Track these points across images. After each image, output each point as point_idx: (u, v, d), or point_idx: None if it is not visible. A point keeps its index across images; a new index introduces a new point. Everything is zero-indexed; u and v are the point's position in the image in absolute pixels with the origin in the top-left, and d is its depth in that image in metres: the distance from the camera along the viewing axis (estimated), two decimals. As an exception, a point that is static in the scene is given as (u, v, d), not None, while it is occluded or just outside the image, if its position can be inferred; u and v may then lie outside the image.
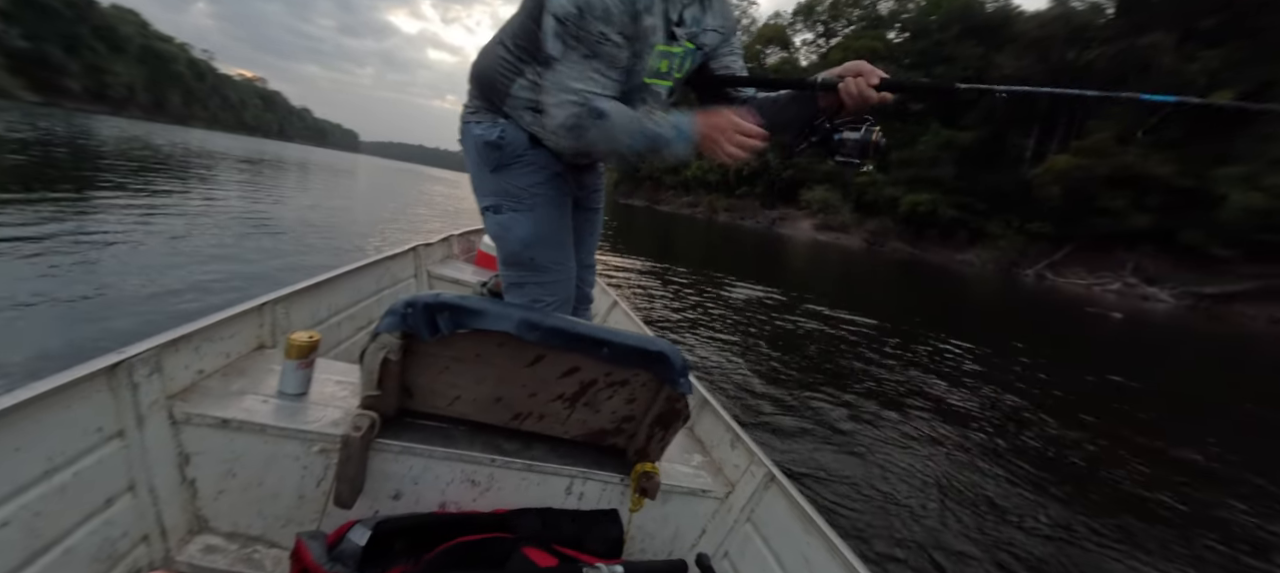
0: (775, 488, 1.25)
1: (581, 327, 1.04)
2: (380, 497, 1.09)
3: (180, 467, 1.04)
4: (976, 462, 3.53)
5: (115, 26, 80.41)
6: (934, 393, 4.93)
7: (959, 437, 3.94)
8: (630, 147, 1.04)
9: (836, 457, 3.23)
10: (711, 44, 1.20)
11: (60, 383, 0.84)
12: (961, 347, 7.46)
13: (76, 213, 6.24)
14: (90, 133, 22.11)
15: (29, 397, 0.79)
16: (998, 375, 6.05)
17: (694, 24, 1.14)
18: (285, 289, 1.51)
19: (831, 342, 6.39)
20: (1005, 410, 4.77)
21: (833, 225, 42.88)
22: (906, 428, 3.94)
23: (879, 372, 5.40)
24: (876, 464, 3.23)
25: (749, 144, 1.00)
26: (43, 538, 0.82)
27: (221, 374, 1.19)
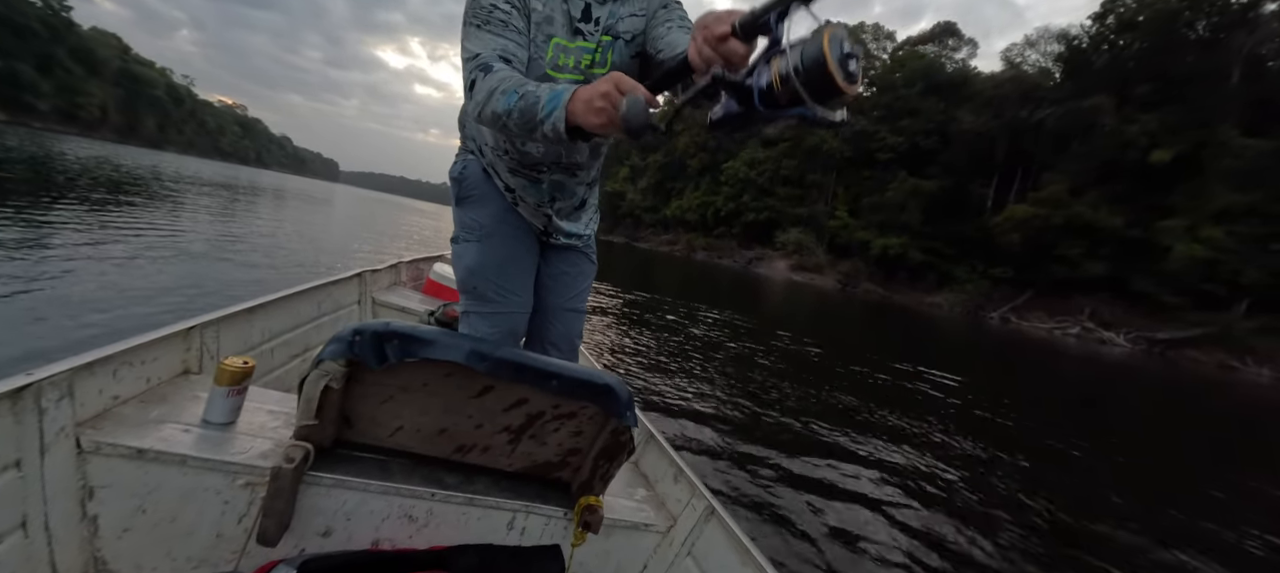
0: (715, 522, 1.25)
1: (531, 359, 1.05)
2: (307, 534, 1.03)
3: (82, 501, 0.95)
4: (927, 494, 3.58)
5: (94, 49, 79.25)
6: (892, 428, 5.00)
7: (912, 470, 3.99)
8: (506, 106, 0.91)
9: (788, 490, 3.23)
10: (634, 29, 1.18)
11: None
12: (926, 383, 7.61)
13: (20, 226, 5.97)
14: (52, 152, 21.42)
15: None
16: (957, 412, 6.18)
17: (610, 18, 1.15)
18: (216, 313, 1.43)
19: (796, 377, 6.45)
20: (961, 448, 4.86)
21: (807, 266, 43.92)
22: (863, 461, 3.98)
23: (841, 407, 5.46)
24: (827, 497, 3.25)
25: (611, 101, 0.77)
26: None
27: (139, 401, 1.11)
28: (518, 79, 0.94)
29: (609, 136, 0.93)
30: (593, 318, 7.97)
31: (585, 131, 0.84)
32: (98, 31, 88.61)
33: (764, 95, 0.62)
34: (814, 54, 0.57)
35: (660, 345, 6.93)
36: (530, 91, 0.89)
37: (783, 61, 0.60)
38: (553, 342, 1.41)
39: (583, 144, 1.03)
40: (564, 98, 0.84)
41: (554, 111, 0.85)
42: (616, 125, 0.76)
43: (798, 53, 0.59)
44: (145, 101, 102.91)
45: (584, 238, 1.44)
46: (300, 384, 0.98)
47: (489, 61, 0.99)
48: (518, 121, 0.91)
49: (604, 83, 0.79)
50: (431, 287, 3.01)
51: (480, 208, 1.28)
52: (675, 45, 1.09)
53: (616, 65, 1.18)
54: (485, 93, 0.95)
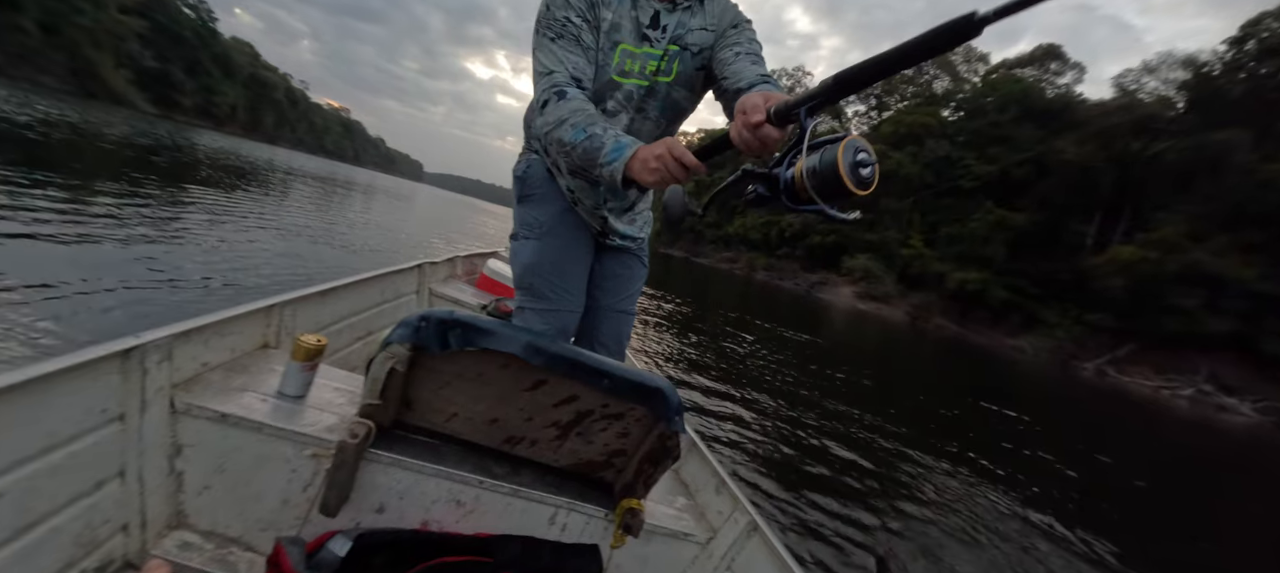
0: (758, 538, 1.21)
1: (585, 356, 1.06)
2: (363, 509, 1.08)
3: (171, 458, 1.03)
4: (997, 551, 3.24)
5: (231, 55, 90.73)
6: (957, 472, 4.61)
7: (980, 522, 3.63)
8: (573, 139, 0.99)
9: (832, 518, 3.05)
10: (701, 43, 1.19)
11: (77, 361, 0.84)
12: (1002, 431, 6.96)
13: (166, 204, 6.86)
14: (193, 143, 24.60)
15: (45, 372, 0.79)
16: (1037, 467, 5.59)
17: (678, 27, 1.17)
18: (294, 293, 1.52)
19: (854, 405, 6.11)
20: (1041, 510, 4.38)
21: (875, 295, 41.69)
22: (923, 505, 3.68)
23: (900, 442, 5.10)
24: (880, 534, 3.03)
25: (669, 170, 0.85)
26: (31, 515, 0.81)
27: (225, 369, 1.19)
28: (588, 115, 1.00)
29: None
30: (644, 323, 7.98)
31: (639, 184, 0.92)
32: (236, 40, 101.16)
33: (788, 189, 0.71)
34: (829, 161, 0.65)
35: (708, 357, 6.81)
36: (597, 134, 0.96)
37: (804, 162, 0.68)
38: (601, 341, 1.42)
39: (633, 191, 1.07)
40: (625, 154, 0.92)
41: (614, 163, 0.93)
42: (667, 183, 0.87)
43: (816, 157, 0.67)
44: (267, 102, 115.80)
45: (638, 241, 1.46)
46: (367, 364, 1.04)
47: (563, 86, 1.05)
48: (580, 157, 0.99)
49: (660, 147, 0.88)
50: (484, 282, 3.11)
51: (541, 206, 1.32)
52: (739, 75, 1.10)
53: (681, 75, 1.20)
54: (556, 119, 1.02)
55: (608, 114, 1.21)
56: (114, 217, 5.75)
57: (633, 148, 0.92)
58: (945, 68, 52.84)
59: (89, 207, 5.83)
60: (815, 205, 0.68)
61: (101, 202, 6.33)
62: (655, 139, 1.27)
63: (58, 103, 24.09)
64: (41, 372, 0.79)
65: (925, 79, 53.49)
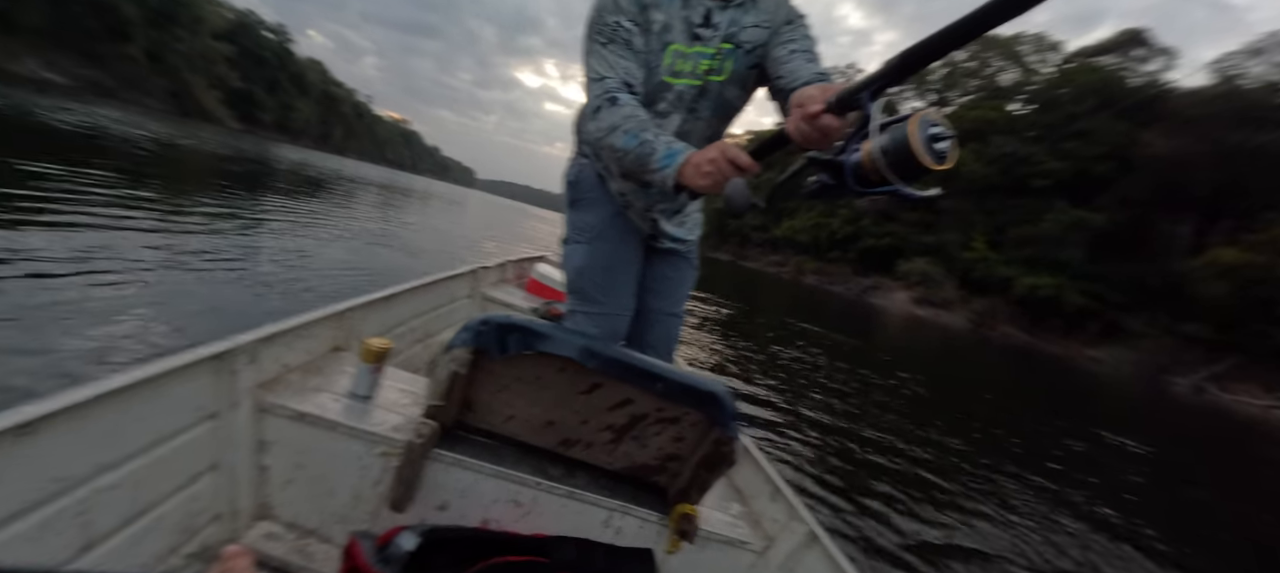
0: (818, 549, 1.17)
1: (639, 360, 1.06)
2: (428, 506, 1.12)
3: (257, 453, 1.10)
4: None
5: (305, 74, 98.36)
6: (1038, 495, 4.26)
7: (1062, 551, 3.35)
8: (625, 145, 1.00)
9: (896, 537, 2.89)
10: (755, 40, 1.17)
11: (179, 364, 0.92)
12: (1087, 453, 6.41)
13: (248, 213, 7.49)
14: (273, 156, 26.75)
15: (154, 373, 0.86)
16: (1129, 492, 5.09)
17: (732, 25, 1.15)
18: (361, 298, 1.60)
19: (912, 416, 5.79)
20: (1143, 544, 3.99)
21: (933, 300, 39.58)
22: (996, 525, 3.43)
23: (968, 458, 4.79)
24: (946, 555, 2.84)
25: (723, 173, 0.84)
26: (140, 504, 0.88)
27: (302, 370, 1.26)
28: (640, 121, 1.00)
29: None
30: (690, 326, 7.92)
31: (691, 189, 0.91)
32: (309, 60, 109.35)
33: (855, 172, 0.66)
34: (900, 137, 0.61)
35: (755, 361, 6.68)
36: (649, 140, 0.96)
37: (872, 143, 0.63)
38: (650, 344, 1.42)
39: (685, 196, 1.05)
40: (678, 160, 0.91)
41: (667, 168, 0.93)
42: (721, 188, 0.85)
43: (887, 136, 0.63)
44: (336, 116, 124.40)
45: (688, 244, 1.45)
46: (431, 367, 1.09)
47: (615, 91, 1.05)
48: (632, 163, 0.99)
49: (713, 150, 0.87)
50: (533, 285, 3.17)
51: (592, 211, 1.32)
52: (795, 74, 1.07)
53: (734, 73, 1.18)
54: (608, 126, 1.03)
55: (659, 115, 1.20)
56: (206, 223, 6.33)
57: (685, 154, 0.92)
58: (1012, 59, 49.62)
59: (186, 214, 6.45)
60: (888, 186, 0.63)
61: (197, 209, 6.98)
62: (706, 139, 1.25)
63: (161, 122, 26.80)
64: (148, 374, 0.86)
65: (990, 72, 50.43)
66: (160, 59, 50.50)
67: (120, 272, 3.82)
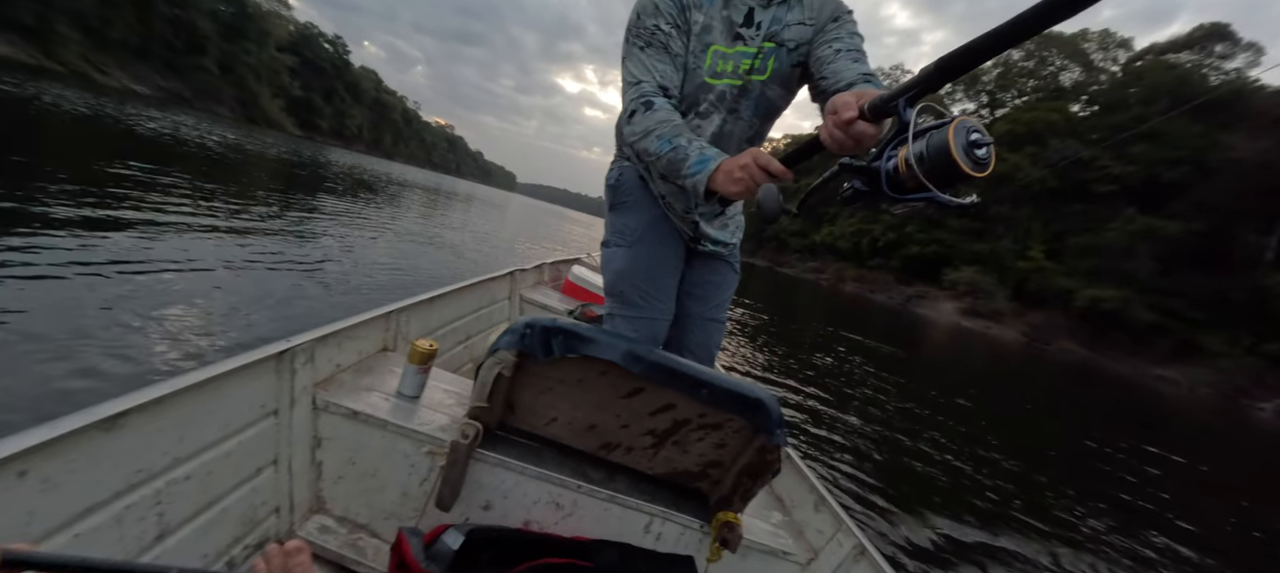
0: (866, 564, 1.13)
1: (683, 365, 1.05)
2: (472, 505, 1.14)
3: (313, 449, 1.14)
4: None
5: (359, 82, 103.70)
6: (1094, 521, 3.97)
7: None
8: (658, 150, 1.01)
9: (948, 558, 2.74)
10: (799, 38, 1.14)
11: (246, 362, 0.96)
12: (1158, 480, 5.93)
13: (307, 214, 7.93)
14: (329, 160, 28.27)
15: (221, 371, 0.91)
16: (1202, 523, 4.67)
17: (774, 23, 1.13)
18: (407, 300, 1.65)
19: (964, 434, 5.51)
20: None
21: (982, 311, 37.60)
22: (1049, 550, 3.22)
23: (1024, 478, 4.51)
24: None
25: (754, 180, 0.84)
26: (209, 495, 0.92)
27: (354, 370, 1.30)
28: (674, 126, 1.01)
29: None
30: (727, 332, 7.83)
31: (722, 195, 0.91)
32: (363, 69, 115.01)
33: (890, 179, 0.65)
34: (939, 143, 0.59)
35: (794, 369, 6.52)
36: (682, 145, 0.97)
37: (909, 149, 0.62)
38: (691, 349, 1.40)
39: (716, 203, 1.04)
40: (710, 166, 0.92)
41: (698, 174, 0.93)
42: (752, 194, 0.85)
43: (924, 142, 0.61)
44: (387, 123, 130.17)
45: (730, 247, 1.42)
46: (476, 368, 1.10)
47: (650, 96, 1.06)
48: (665, 167, 1.01)
49: (745, 157, 0.87)
50: (569, 287, 3.20)
51: (633, 214, 1.32)
52: (839, 75, 1.04)
53: (777, 72, 1.16)
54: (643, 129, 1.04)
55: (700, 116, 1.19)
56: (271, 223, 6.73)
57: (716, 160, 0.92)
58: (1075, 57, 46.78)
59: (253, 214, 6.88)
60: (925, 193, 0.61)
61: (263, 210, 7.44)
62: (747, 140, 1.24)
63: (230, 128, 28.75)
64: (217, 372, 0.90)
65: (1049, 72, 47.71)
66: (231, 70, 54.29)
67: (194, 268, 4.11)
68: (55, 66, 30.78)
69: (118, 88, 34.59)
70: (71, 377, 2.23)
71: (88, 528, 0.71)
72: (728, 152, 1.22)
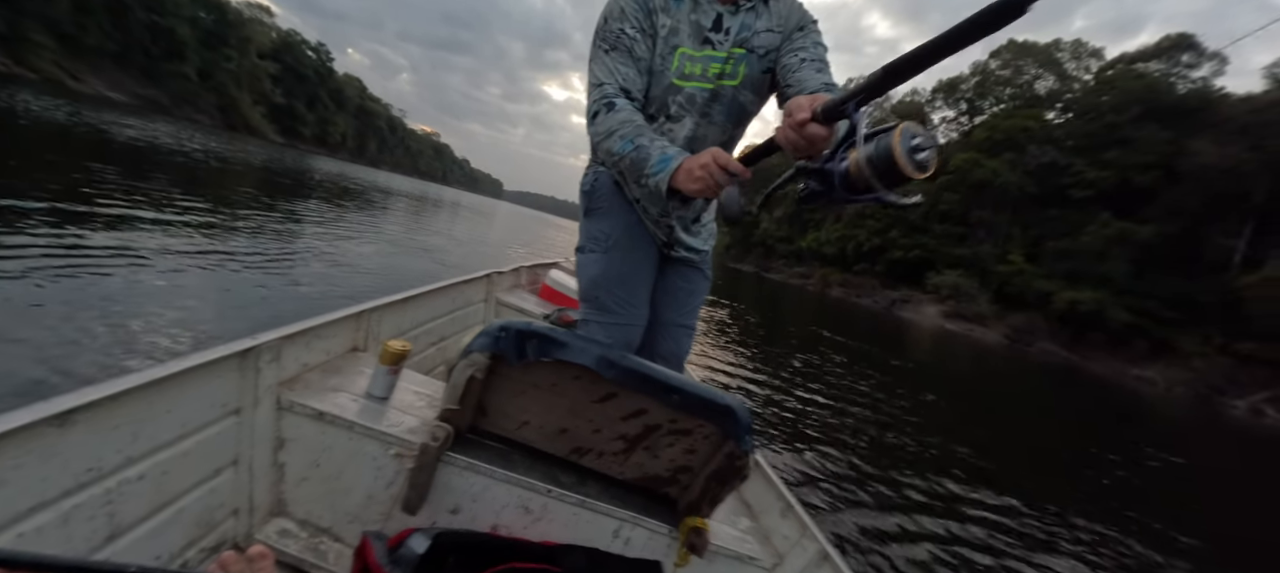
0: (829, 568, 1.15)
1: (655, 371, 1.06)
2: (440, 509, 1.13)
3: (275, 450, 1.11)
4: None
5: (343, 90, 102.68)
6: (1068, 521, 4.04)
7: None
8: (621, 150, 1.03)
9: (913, 554, 2.78)
10: (768, 45, 1.17)
11: (207, 359, 0.94)
12: (1135, 479, 6.06)
13: (288, 219, 7.81)
14: (312, 168, 27.89)
15: (182, 368, 0.88)
16: (1178, 521, 4.79)
17: (743, 30, 1.15)
18: (379, 300, 1.62)
19: (945, 437, 5.59)
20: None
21: (965, 314, 38.22)
22: (1021, 551, 3.27)
23: (1002, 481, 4.58)
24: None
25: (714, 178, 0.87)
26: (164, 496, 0.90)
27: (321, 370, 1.27)
28: (636, 126, 1.03)
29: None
30: (711, 338, 7.85)
31: (684, 194, 0.94)
32: (347, 76, 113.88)
33: (843, 179, 0.70)
34: (885, 148, 0.64)
35: (776, 374, 6.56)
36: (644, 145, 1.00)
37: (858, 153, 0.68)
38: (661, 355, 1.40)
39: (678, 202, 1.07)
40: (671, 165, 0.94)
41: (660, 173, 0.96)
42: (713, 193, 0.89)
43: (872, 146, 0.66)
44: (371, 130, 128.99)
45: (702, 254, 1.44)
46: (448, 370, 1.10)
47: (613, 97, 1.09)
48: (628, 167, 1.03)
49: (705, 156, 0.89)
50: (546, 291, 3.19)
51: (607, 220, 1.32)
52: (803, 84, 1.08)
53: (748, 78, 1.18)
54: (606, 130, 1.07)
55: (671, 120, 1.21)
56: (248, 228, 6.62)
57: (678, 159, 0.95)
58: (1050, 66, 48.05)
59: (231, 220, 6.76)
60: (873, 193, 0.67)
61: (242, 215, 7.31)
62: (721, 143, 1.25)
63: (210, 136, 28.25)
64: (176, 369, 0.88)
65: (1025, 80, 48.93)
66: (210, 77, 53.40)
67: (167, 269, 4.03)
68: (27, 74, 30.04)
69: (93, 95, 33.83)
70: (34, 374, 2.17)
71: (33, 527, 0.70)
72: None
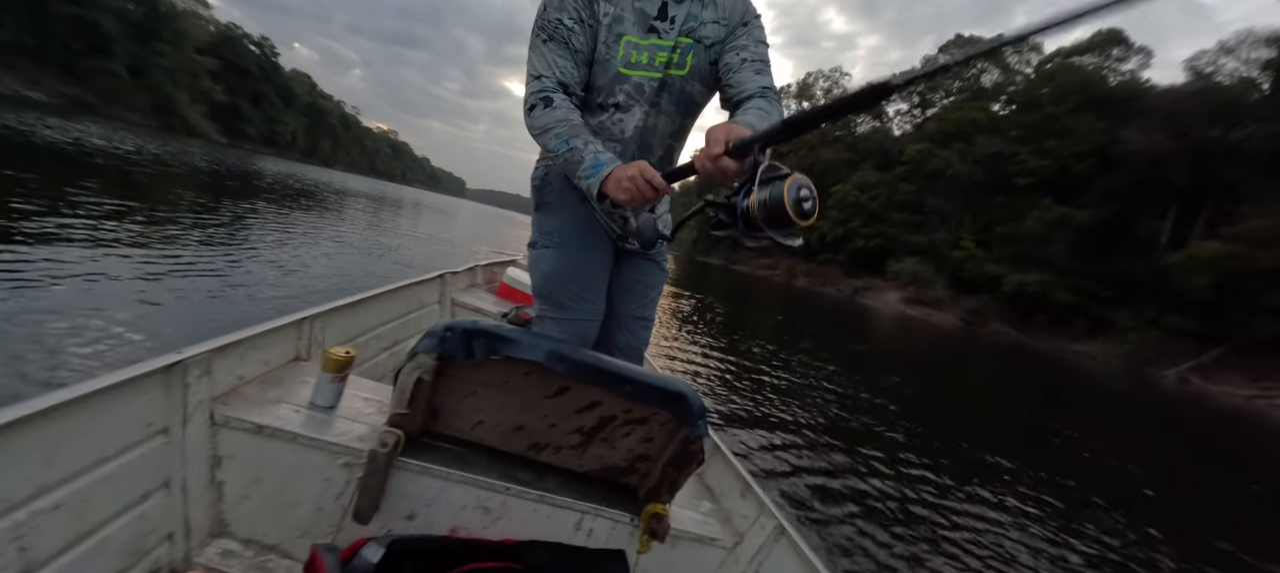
0: (785, 542, 1.19)
1: (607, 362, 1.06)
2: (394, 516, 1.10)
3: (212, 468, 1.06)
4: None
5: (291, 87, 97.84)
6: (1020, 493, 4.30)
7: (1040, 552, 3.37)
8: (555, 148, 1.07)
9: (866, 526, 2.91)
10: (715, 36, 1.18)
11: (126, 376, 0.88)
12: (1073, 447, 6.47)
13: (232, 225, 7.41)
14: (259, 169, 26.54)
15: (96, 388, 0.83)
16: (1113, 484, 5.15)
17: (690, 19, 1.15)
18: (323, 306, 1.56)
19: (901, 417, 5.83)
20: (1126, 536, 4.03)
21: (924, 299, 39.89)
22: (974, 521, 3.46)
23: (952, 456, 4.82)
24: (917, 541, 2.87)
25: (640, 191, 0.95)
26: (85, 525, 0.84)
27: (260, 382, 1.22)
28: (571, 126, 1.07)
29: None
30: (678, 330, 7.93)
31: (613, 200, 1.00)
32: (295, 72, 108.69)
33: (743, 216, 0.79)
34: (777, 196, 0.75)
35: (743, 364, 6.69)
36: (578, 147, 1.05)
37: (756, 195, 0.77)
38: (620, 349, 1.40)
39: (608, 205, 1.11)
40: (602, 172, 1.00)
41: (591, 179, 1.02)
42: (639, 202, 0.96)
43: (766, 191, 0.76)
44: (323, 129, 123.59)
45: (658, 246, 1.42)
46: (396, 375, 1.06)
47: (550, 92, 1.09)
48: (562, 166, 1.09)
49: (633, 168, 0.96)
50: (504, 290, 3.15)
51: (560, 214, 1.30)
52: (742, 86, 1.13)
53: (696, 68, 1.19)
54: (542, 126, 1.09)
55: (620, 109, 1.19)
56: (187, 237, 6.25)
57: (609, 167, 1.00)
58: (994, 60, 50.42)
59: (166, 229, 6.36)
60: (765, 232, 0.77)
61: (178, 223, 6.89)
62: (671, 133, 1.27)
63: (144, 137, 26.50)
64: (92, 388, 0.83)
65: (972, 74, 51.20)
66: (143, 74, 49.91)
67: (95, 280, 3.76)
68: (-71, 71, 27.38)
69: (8, 94, 31.18)
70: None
71: None
72: (652, 145, 1.25)
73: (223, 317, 3.89)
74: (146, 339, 3.11)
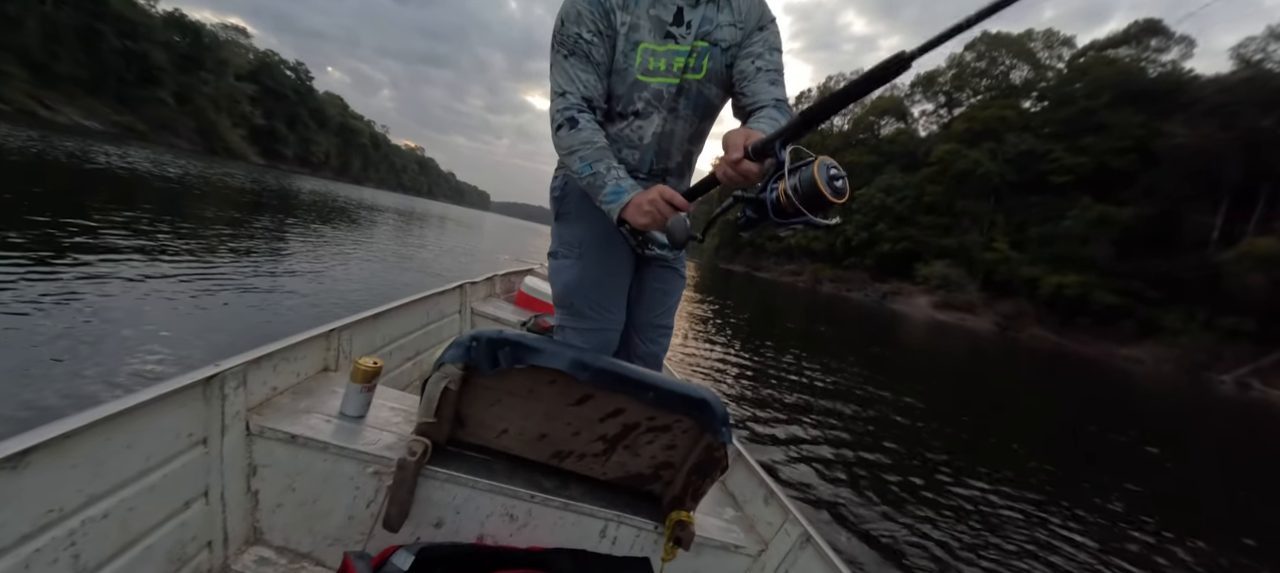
0: (811, 549, 1.16)
1: (630, 370, 1.06)
2: (423, 524, 1.11)
3: (248, 478, 1.09)
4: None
5: (324, 109, 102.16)
6: (1070, 511, 4.09)
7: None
8: (579, 171, 1.08)
9: (905, 538, 2.82)
10: (731, 39, 1.17)
11: (168, 389, 0.91)
12: (1125, 460, 6.14)
13: (272, 240, 7.73)
14: (296, 188, 27.66)
15: (142, 400, 0.85)
16: (1169, 500, 4.86)
17: (705, 23, 1.15)
18: (350, 318, 1.58)
19: (936, 428, 5.63)
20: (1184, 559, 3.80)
21: (955, 304, 38.66)
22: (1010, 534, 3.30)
23: (994, 468, 4.62)
24: (952, 557, 2.76)
25: (661, 213, 0.97)
26: (131, 533, 0.86)
27: (291, 392, 1.25)
28: (596, 149, 1.08)
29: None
30: (703, 337, 7.87)
31: (634, 226, 1.02)
32: (328, 94, 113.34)
33: (774, 207, 0.83)
34: (808, 179, 0.78)
35: (769, 372, 6.59)
36: (601, 172, 1.06)
37: (786, 183, 0.80)
38: (639, 356, 1.40)
39: (627, 230, 1.10)
40: (623, 199, 1.02)
41: (612, 205, 1.04)
42: (660, 224, 0.98)
43: (796, 177, 0.79)
44: (354, 148, 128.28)
45: (676, 254, 1.43)
46: (422, 384, 1.08)
47: (574, 111, 1.10)
48: (585, 188, 1.11)
49: (653, 192, 0.98)
50: (522, 298, 3.16)
51: (580, 224, 1.29)
52: (756, 97, 1.13)
53: (712, 71, 1.18)
54: (567, 147, 1.10)
55: (639, 116, 1.20)
56: (232, 250, 6.54)
57: (629, 194, 1.02)
58: (1023, 56, 49.00)
59: (213, 243, 6.67)
60: (802, 217, 0.80)
61: (224, 238, 7.22)
62: (690, 137, 1.27)
63: (189, 160, 27.92)
64: (139, 400, 0.86)
65: (1000, 71, 49.82)
66: (188, 100, 52.91)
67: (146, 296, 3.96)
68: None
69: (67, 124, 33.36)
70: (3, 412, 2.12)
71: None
72: (671, 150, 1.26)
73: (266, 325, 4.04)
74: (196, 340, 3.26)
